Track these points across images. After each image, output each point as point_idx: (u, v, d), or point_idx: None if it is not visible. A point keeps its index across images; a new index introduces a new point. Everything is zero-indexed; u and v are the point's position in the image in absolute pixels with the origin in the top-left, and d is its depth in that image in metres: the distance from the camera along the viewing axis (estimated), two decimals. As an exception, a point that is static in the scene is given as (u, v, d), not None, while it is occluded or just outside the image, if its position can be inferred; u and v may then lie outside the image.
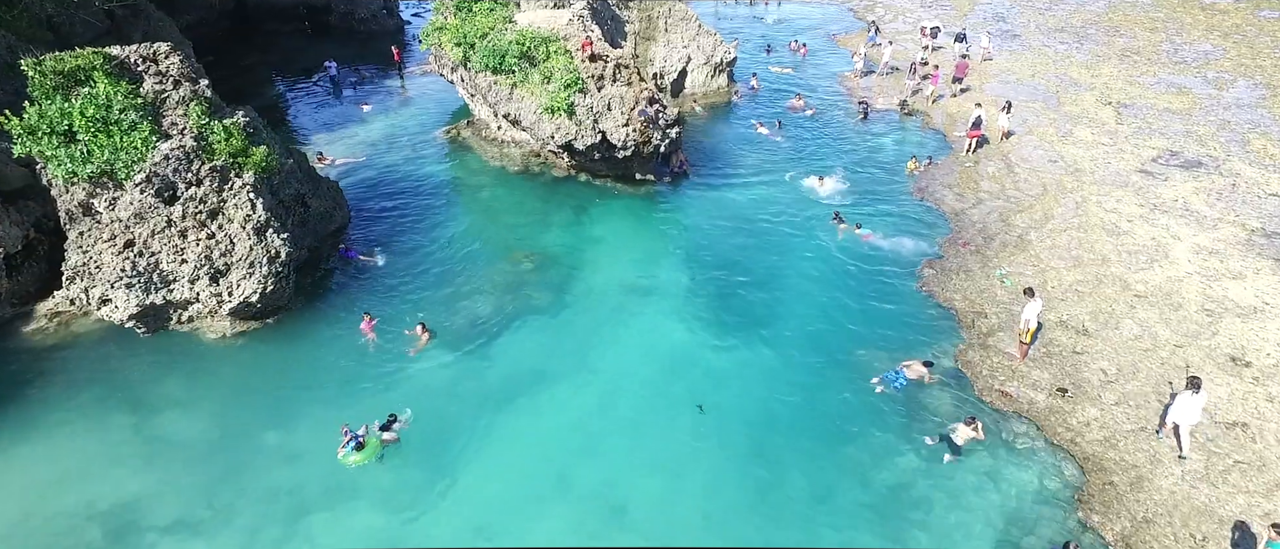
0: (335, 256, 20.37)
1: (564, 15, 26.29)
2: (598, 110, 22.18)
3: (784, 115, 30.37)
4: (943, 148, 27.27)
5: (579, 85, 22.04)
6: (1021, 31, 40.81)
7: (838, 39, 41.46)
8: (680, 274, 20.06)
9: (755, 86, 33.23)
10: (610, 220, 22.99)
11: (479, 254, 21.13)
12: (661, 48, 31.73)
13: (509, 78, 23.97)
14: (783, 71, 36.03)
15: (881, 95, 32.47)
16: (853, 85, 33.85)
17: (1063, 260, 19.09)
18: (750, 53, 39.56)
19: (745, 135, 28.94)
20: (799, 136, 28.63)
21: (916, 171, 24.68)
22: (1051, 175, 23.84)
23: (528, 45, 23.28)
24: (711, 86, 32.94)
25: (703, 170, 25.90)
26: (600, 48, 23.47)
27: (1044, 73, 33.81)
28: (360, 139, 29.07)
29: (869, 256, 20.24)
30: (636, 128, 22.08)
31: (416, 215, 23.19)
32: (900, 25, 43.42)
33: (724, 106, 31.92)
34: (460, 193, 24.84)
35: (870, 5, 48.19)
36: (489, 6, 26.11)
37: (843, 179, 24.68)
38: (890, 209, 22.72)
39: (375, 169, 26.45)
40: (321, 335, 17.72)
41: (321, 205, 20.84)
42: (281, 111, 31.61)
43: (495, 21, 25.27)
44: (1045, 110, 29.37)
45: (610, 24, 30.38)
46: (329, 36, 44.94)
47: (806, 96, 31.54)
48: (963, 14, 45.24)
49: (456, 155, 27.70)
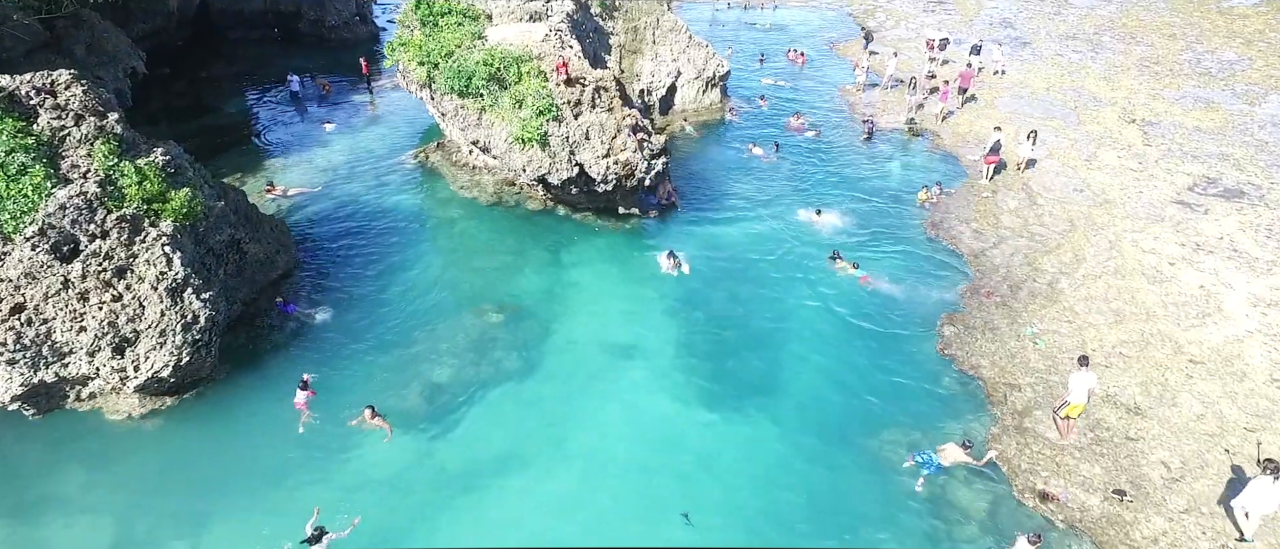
0: (273, 311, 17.86)
1: (540, 29, 23.82)
2: (574, 140, 19.75)
3: (781, 136, 27.99)
4: (955, 173, 24.93)
5: (553, 113, 19.60)
6: (1032, 39, 38.52)
7: (838, 47, 39.10)
8: (667, 329, 17.69)
9: (763, 105, 30.87)
10: (590, 262, 20.58)
11: (441, 306, 18.69)
12: (649, 62, 29.30)
13: (477, 101, 21.51)
14: (778, 83, 33.64)
15: (886, 111, 30.12)
16: (855, 100, 31.48)
17: (1101, 315, 16.75)
18: (744, 62, 37.16)
19: (739, 158, 26.56)
20: (797, 160, 26.25)
21: (929, 203, 22.31)
22: (1078, 208, 21.51)
23: (497, 66, 20.81)
24: (703, 102, 30.52)
25: (692, 201, 23.49)
26: (578, 69, 21.02)
27: (1059, 86, 31.52)
28: (319, 164, 26.54)
29: (880, 308, 17.87)
30: (618, 160, 19.66)
31: (374, 257, 20.71)
32: (903, 32, 41.08)
33: (717, 125, 29.51)
34: (425, 229, 22.37)
35: (871, 10, 45.85)
36: (456, 20, 23.62)
37: (845, 212, 22.33)
38: (901, 249, 20.35)
39: (332, 200, 23.93)
40: (250, 412, 15.26)
41: (261, 250, 18.36)
42: (237, 131, 29.04)
43: (463, 37, 22.78)
44: (1064, 129, 27.06)
45: (593, 37, 27.92)
46: (299, 45, 42.36)
47: (805, 114, 29.12)
48: (968, 19, 42.96)
49: (424, 183, 25.22)
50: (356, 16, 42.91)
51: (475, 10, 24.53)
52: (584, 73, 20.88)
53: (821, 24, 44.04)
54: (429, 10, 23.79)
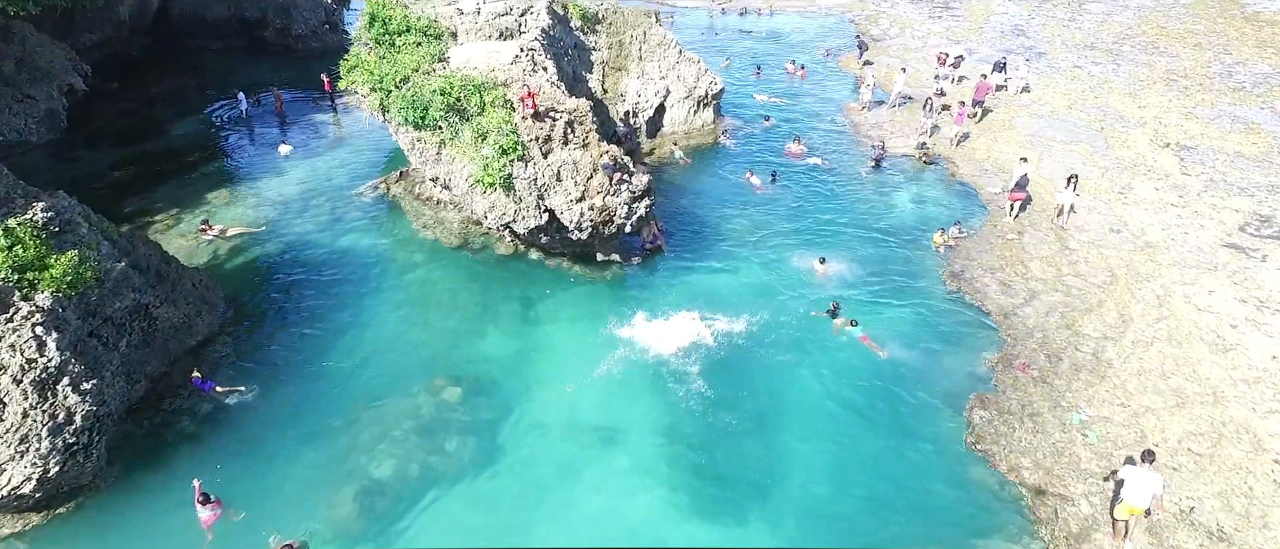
0: (187, 389, 15.24)
1: (510, 49, 21.18)
2: (543, 182, 17.14)
3: (779, 163, 25.40)
4: (973, 207, 22.36)
5: (519, 151, 16.97)
6: (1047, 49, 35.97)
7: (841, 60, 36.46)
8: (650, 408, 15.15)
9: (769, 125, 28.29)
10: (564, 320, 18.00)
11: (389, 378, 16.11)
12: (635, 80, 26.67)
13: (435, 134, 18.88)
14: (773, 100, 31.03)
15: (894, 133, 27.53)
16: (859, 120, 28.89)
17: (1160, 395, 14.21)
18: (739, 76, 34.54)
19: (733, 189, 23.97)
20: (797, 192, 23.68)
21: (946, 246, 19.74)
22: (1117, 253, 18.97)
23: (457, 95, 18.19)
24: (694, 123, 27.91)
25: (681, 242, 20.91)
26: (549, 98, 18.41)
27: (1082, 103, 28.96)
28: (268, 196, 23.87)
29: (897, 382, 15.33)
30: (594, 205, 17.06)
31: (316, 315, 18.11)
32: (909, 41, 38.48)
33: (709, 150, 26.90)
34: (379, 278, 19.75)
35: (873, 16, 43.25)
36: (415, 40, 20.97)
37: (851, 258, 19.77)
38: (917, 305, 17.80)
39: (277, 242, 21.30)
40: (145, 527, 12.67)
41: (176, 314, 15.75)
42: (181, 157, 26.33)
43: (422, 59, 20.14)
44: (1093, 156, 24.50)
45: (572, 54, 25.30)
46: (265, 55, 39.63)
47: (805, 138, 26.50)
48: (976, 26, 40.41)
49: (383, 220, 22.59)
50: (326, 25, 40.22)
51: (437, 27, 21.89)
52: (556, 102, 18.27)
53: (821, 32, 41.43)
54: (383, 28, 21.14)
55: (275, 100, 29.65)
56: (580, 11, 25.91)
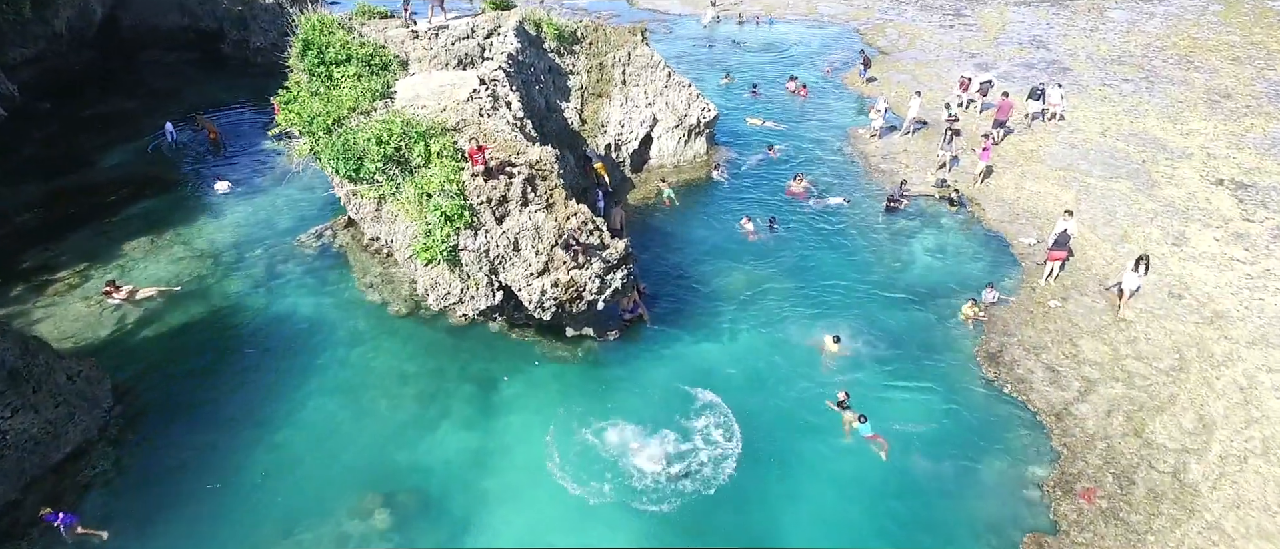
0: (38, 525, 12.19)
1: (468, 81, 18.15)
2: (497, 254, 14.10)
3: (779, 203, 22.37)
4: (1004, 261, 19.35)
5: (466, 217, 13.91)
6: (1071, 64, 32.94)
7: (845, 77, 33.36)
8: (629, 537, 12.14)
9: (773, 155, 25.25)
10: (528, 412, 15.05)
11: (310, 496, 13.22)
12: (618, 107, 23.61)
13: (373, 188, 15.82)
14: (769, 125, 27.99)
15: (909, 164, 24.49)
16: (869, 148, 25.84)
17: (1269, 542, 11.21)
18: (739, 95, 31.48)
19: (728, 236, 20.97)
20: (800, 240, 20.68)
21: (977, 321, 16.70)
22: (1182, 327, 15.98)
23: (396, 142, 15.12)
24: (685, 155, 24.86)
25: (666, 306, 17.91)
26: (507, 146, 15.40)
27: (1116, 129, 25.95)
28: (197, 246, 20.83)
29: (929, 511, 12.35)
30: (559, 280, 14.03)
31: (231, 409, 15.14)
32: (919, 54, 35.40)
33: (702, 187, 23.85)
34: (314, 355, 16.77)
35: (880, 26, 40.17)
36: (356, 72, 17.89)
37: (862, 327, 16.81)
38: (945, 398, 14.84)
39: (198, 306, 18.31)
40: None
41: (36, 422, 12.74)
42: (102, 195, 23.25)
43: (362, 95, 17.07)
44: (1136, 196, 21.50)
45: (545, 80, 22.24)
46: (223, 69, 36.52)
47: (808, 175, 23.42)
48: (992, 37, 37.37)
49: (326, 277, 19.57)
50: (288, 37, 36.92)
51: (384, 55, 18.82)
52: (515, 152, 15.24)
53: (823, 44, 38.33)
54: (318, 58, 18.07)
55: (207, 131, 26.47)
56: (556, 31, 22.86)
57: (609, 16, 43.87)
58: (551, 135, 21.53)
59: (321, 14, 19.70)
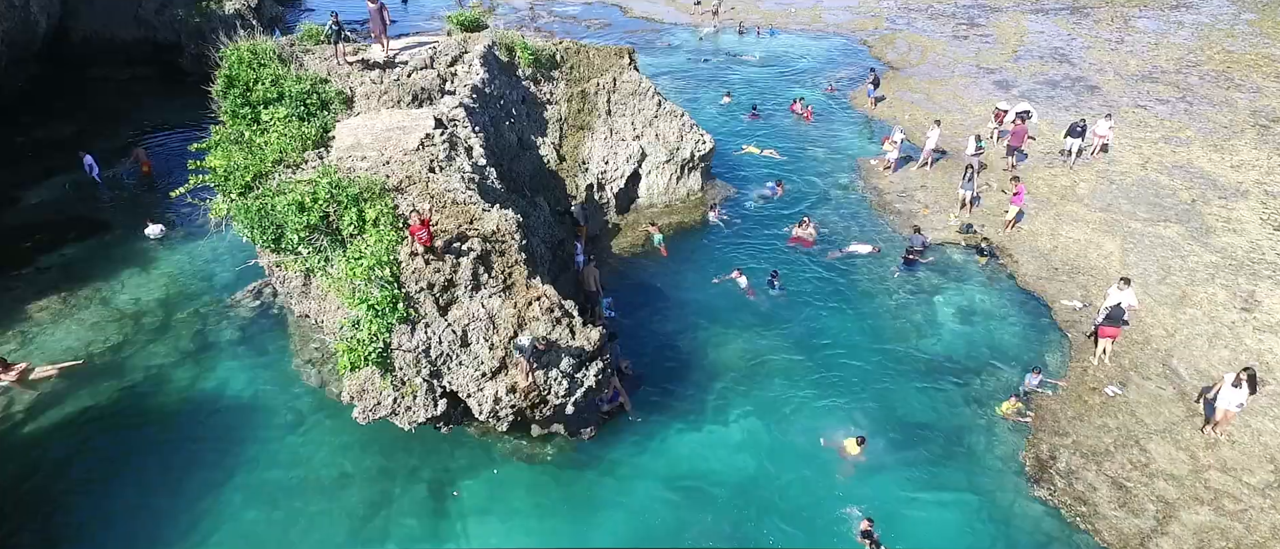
0: None
1: (421, 123, 15.49)
2: (441, 353, 11.42)
3: (781, 254, 19.71)
4: (1044, 328, 16.74)
5: (402, 311, 11.24)
6: (1098, 80, 30.28)
7: (853, 95, 30.66)
8: None
9: (781, 191, 22.58)
10: (490, 533, 12.38)
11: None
12: (602, 142, 20.93)
13: (299, 260, 13.14)
14: (767, 153, 25.33)
15: (928, 201, 21.82)
16: (883, 183, 23.17)
17: None
18: (734, 114, 28.79)
19: (724, 294, 18.35)
20: (805, 300, 18.07)
21: (1021, 420, 14.02)
22: (1274, 428, 13.32)
23: (322, 208, 12.44)
24: (678, 193, 22.19)
25: (652, 386, 15.31)
26: (459, 213, 12.74)
27: (1158, 160, 23.32)
28: (116, 306, 18.19)
29: None
30: (517, 386, 11.37)
31: (124, 528, 12.44)
32: (932, 69, 32.71)
33: (696, 232, 21.18)
34: (242, 451, 14.24)
35: (888, 38, 37.46)
36: (287, 112, 15.20)
37: (885, 424, 14.17)
38: (988, 522, 12.18)
39: (108, 386, 15.71)
40: None
41: None
42: (13, 245, 20.49)
43: (294, 141, 14.40)
44: (1189, 243, 18.87)
45: (518, 112, 19.56)
46: (182, 86, 33.55)
47: (813, 219, 20.71)
48: (1010, 50, 34.71)
49: (263, 347, 16.97)
50: (251, 51, 34.18)
51: (325, 92, 16.13)
52: (470, 217, 12.60)
53: (827, 57, 35.61)
54: (242, 97, 15.39)
55: (140, 164, 23.75)
56: (531, 56, 20.16)
57: (601, 25, 41.25)
58: (524, 178, 18.89)
59: (253, 42, 17.01)
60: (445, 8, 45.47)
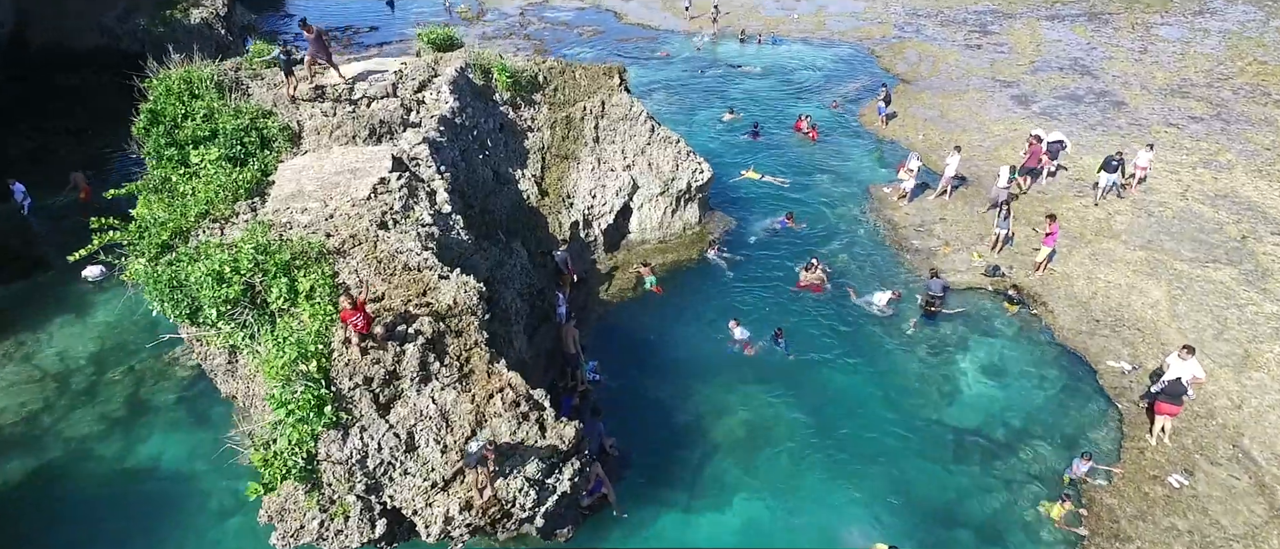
0: None
1: (375, 165, 13.47)
2: (380, 462, 9.38)
3: (788, 303, 17.66)
4: (1086, 394, 14.72)
5: (330, 416, 9.19)
6: (1124, 95, 28.25)
7: (862, 112, 28.62)
8: None
9: (792, 224, 20.62)
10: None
11: None
12: (589, 173, 18.90)
13: (222, 337, 11.09)
14: (768, 179, 23.30)
15: (948, 236, 19.78)
16: (898, 215, 21.13)
17: None
18: (736, 131, 26.76)
19: (722, 352, 16.29)
20: (813, 358, 16.05)
21: (1074, 531, 11.95)
22: (1367, 527, 11.30)
23: (246, 278, 10.41)
24: (673, 227, 20.15)
25: (642, 475, 13.29)
26: (409, 282, 10.71)
27: (1199, 188, 21.30)
28: (41, 363, 16.26)
29: None
30: (473, 502, 9.34)
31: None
32: (945, 83, 30.66)
33: (694, 271, 19.17)
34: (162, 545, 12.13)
35: (897, 47, 35.39)
36: (223, 152, 13.16)
37: (910, 521, 12.16)
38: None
39: (19, 464, 13.81)
40: None
41: None
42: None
43: (224, 190, 12.37)
44: (1245, 289, 16.87)
45: (495, 141, 17.54)
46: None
47: (821, 263, 18.62)
48: (1027, 60, 32.67)
49: (204, 414, 15.07)
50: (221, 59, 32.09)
51: (267, 127, 14.09)
52: (423, 287, 10.58)
53: (833, 68, 33.54)
54: (168, 137, 13.34)
55: (79, 190, 21.68)
56: (510, 78, 18.12)
57: (593, 32, 39.17)
58: (499, 217, 16.86)
59: (187, 69, 14.96)
60: (437, 14, 43.46)
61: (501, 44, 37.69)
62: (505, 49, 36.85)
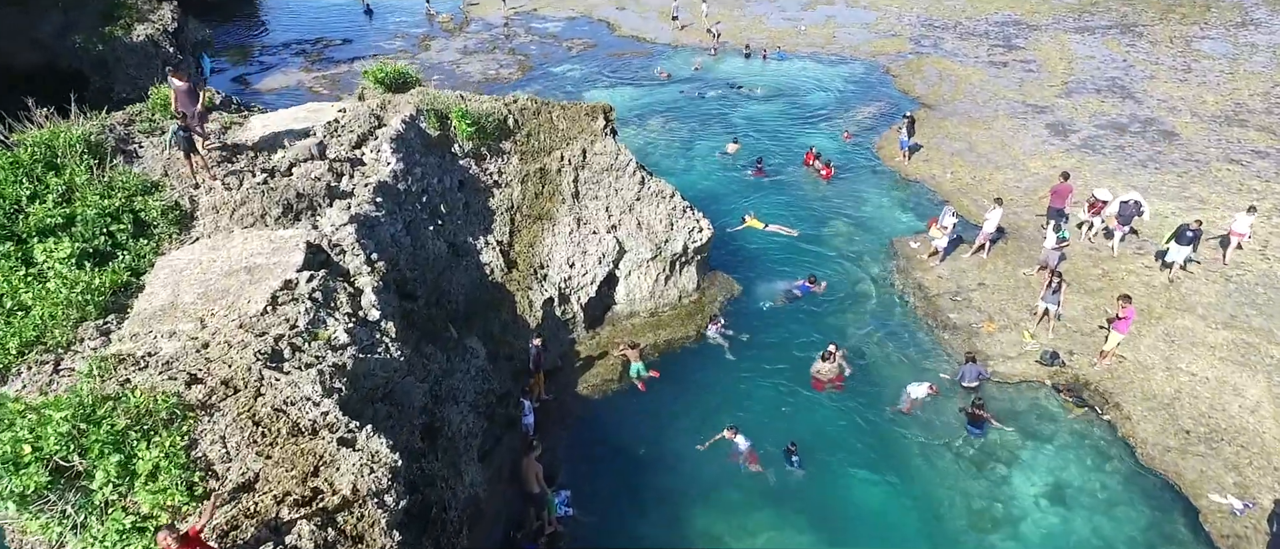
0: None
1: (292, 250, 10.44)
2: None
3: (801, 400, 14.61)
4: (1180, 545, 11.64)
5: None
6: (1173, 124, 25.24)
7: (879, 143, 25.59)
8: None
9: (815, 287, 17.67)
10: None
11: None
12: (566, 237, 15.87)
13: (44, 523, 8.02)
14: (778, 232, 20.27)
15: (992, 310, 16.72)
16: (930, 280, 18.09)
17: None
18: (735, 169, 23.73)
19: (721, 467, 13.24)
20: (836, 484, 13.04)
21: None
22: None
23: (60, 453, 7.36)
24: (667, 296, 17.13)
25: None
26: (299, 452, 7.79)
27: (1278, 244, 18.24)
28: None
29: None
30: None
31: None
32: (972, 107, 27.63)
33: (691, 353, 16.18)
34: None
35: (914, 64, 32.32)
36: (71, 250, 10.12)
37: None
38: None
39: None
40: None
41: None
42: None
43: (73, 301, 9.33)
44: (1362, 389, 13.77)
45: (451, 205, 14.56)
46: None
47: (841, 348, 15.51)
48: (1059, 81, 29.63)
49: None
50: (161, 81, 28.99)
51: (147, 209, 11.06)
52: (315, 461, 7.64)
53: (845, 89, 30.47)
54: (3, 225, 10.29)
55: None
56: (471, 125, 15.08)
57: (584, 46, 36.09)
58: (455, 300, 13.85)
59: (53, 128, 11.93)
60: (418, 24, 40.40)
61: (484, 59, 34.70)
62: (487, 65, 33.84)
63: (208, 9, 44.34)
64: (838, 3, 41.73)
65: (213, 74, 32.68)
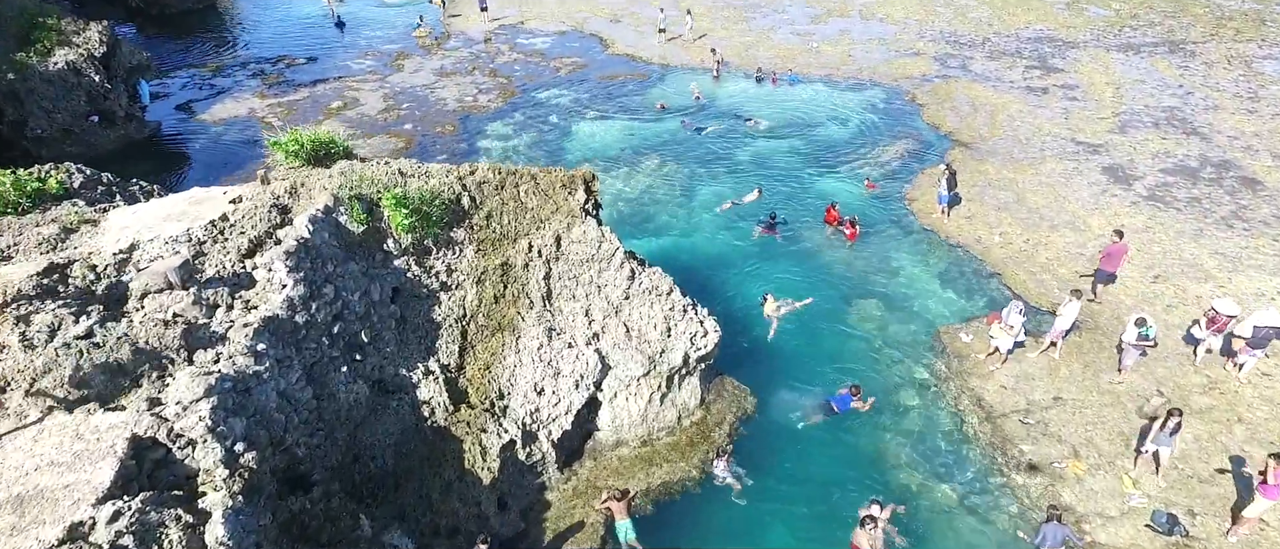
0: None
1: (101, 457, 6.89)
2: None
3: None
4: None
5: None
6: (1251, 167, 21.83)
7: (909, 192, 22.00)
8: None
9: (859, 403, 14.04)
10: None
11: None
12: (532, 355, 12.33)
13: None
14: (796, 307, 16.71)
15: (1078, 445, 13.17)
16: (989, 389, 14.53)
17: None
18: (739, 229, 20.17)
19: None
20: None
21: None
22: None
23: None
24: (663, 420, 13.58)
25: None
26: None
27: None
28: None
29: None
30: None
31: None
32: (1014, 147, 24.08)
33: (692, 501, 12.71)
34: None
35: (942, 91, 28.72)
36: None
37: None
38: None
39: None
40: None
41: None
42: None
43: None
44: None
45: (378, 327, 11.00)
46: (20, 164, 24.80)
47: (886, 468, 12.07)
48: (1109, 111, 26.13)
49: None
50: (93, 116, 25.51)
51: None
52: None
53: (866, 120, 26.87)
54: None
55: None
56: (411, 213, 11.53)
57: (574, 67, 32.44)
58: (379, 462, 10.30)
59: None
60: (392, 39, 36.77)
61: (461, 82, 31.09)
62: (465, 90, 30.22)
63: (166, 21, 40.86)
64: (852, 14, 38.10)
65: (153, 100, 29.16)
